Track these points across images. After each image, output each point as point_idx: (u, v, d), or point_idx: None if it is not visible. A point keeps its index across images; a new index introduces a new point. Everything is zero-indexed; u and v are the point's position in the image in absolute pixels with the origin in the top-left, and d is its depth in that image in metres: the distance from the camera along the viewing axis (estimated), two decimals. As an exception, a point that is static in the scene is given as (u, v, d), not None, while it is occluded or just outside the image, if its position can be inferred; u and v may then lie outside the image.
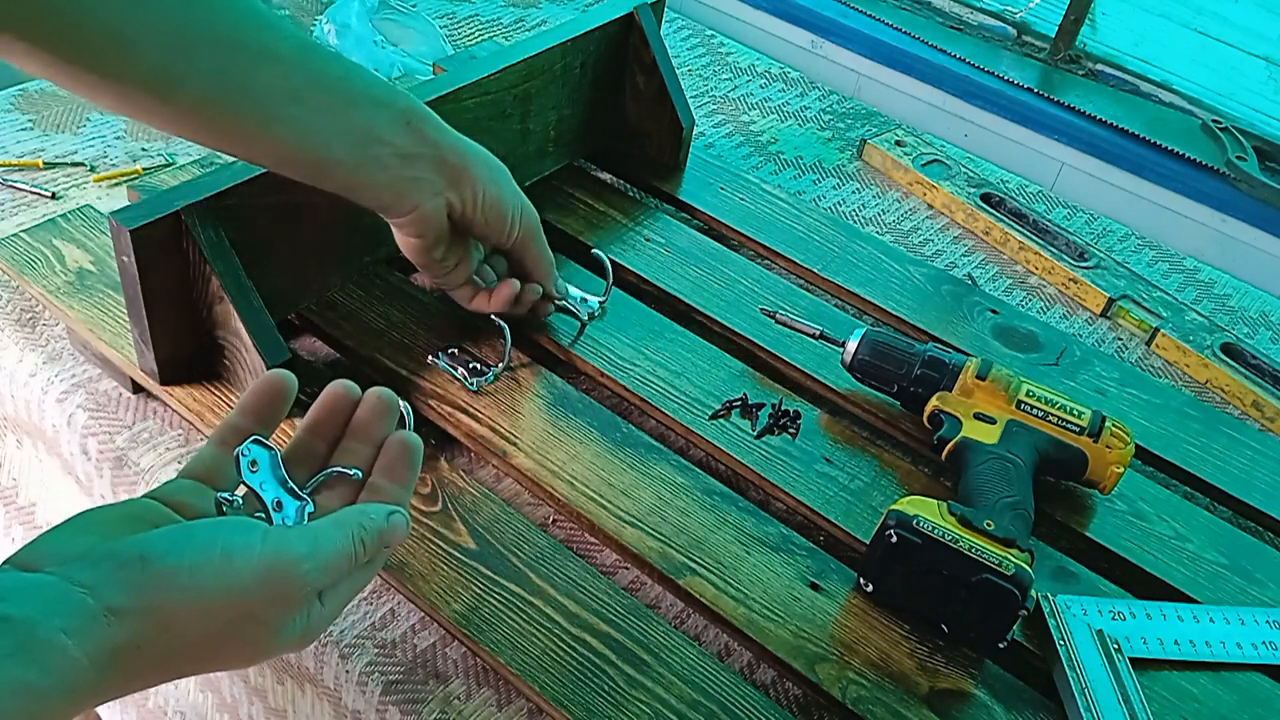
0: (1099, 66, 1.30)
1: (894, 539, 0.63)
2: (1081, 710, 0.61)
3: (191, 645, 0.44)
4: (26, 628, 0.39)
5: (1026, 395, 0.73)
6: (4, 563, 0.43)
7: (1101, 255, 1.03)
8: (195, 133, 0.60)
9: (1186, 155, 1.18)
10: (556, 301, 0.79)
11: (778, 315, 0.82)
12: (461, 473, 0.70)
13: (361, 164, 0.63)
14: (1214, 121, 1.22)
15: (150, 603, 0.42)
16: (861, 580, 0.66)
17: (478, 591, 0.63)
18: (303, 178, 0.64)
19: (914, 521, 0.63)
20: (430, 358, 0.77)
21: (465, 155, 0.68)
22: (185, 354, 0.72)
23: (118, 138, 1.00)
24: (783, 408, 0.77)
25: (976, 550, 0.62)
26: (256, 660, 0.49)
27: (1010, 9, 1.36)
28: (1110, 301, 0.98)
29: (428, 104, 0.79)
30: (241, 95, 0.58)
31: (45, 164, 0.95)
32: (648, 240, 0.91)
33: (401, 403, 0.69)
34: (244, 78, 0.58)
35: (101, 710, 0.89)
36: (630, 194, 0.99)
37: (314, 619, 0.49)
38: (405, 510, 0.54)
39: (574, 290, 0.81)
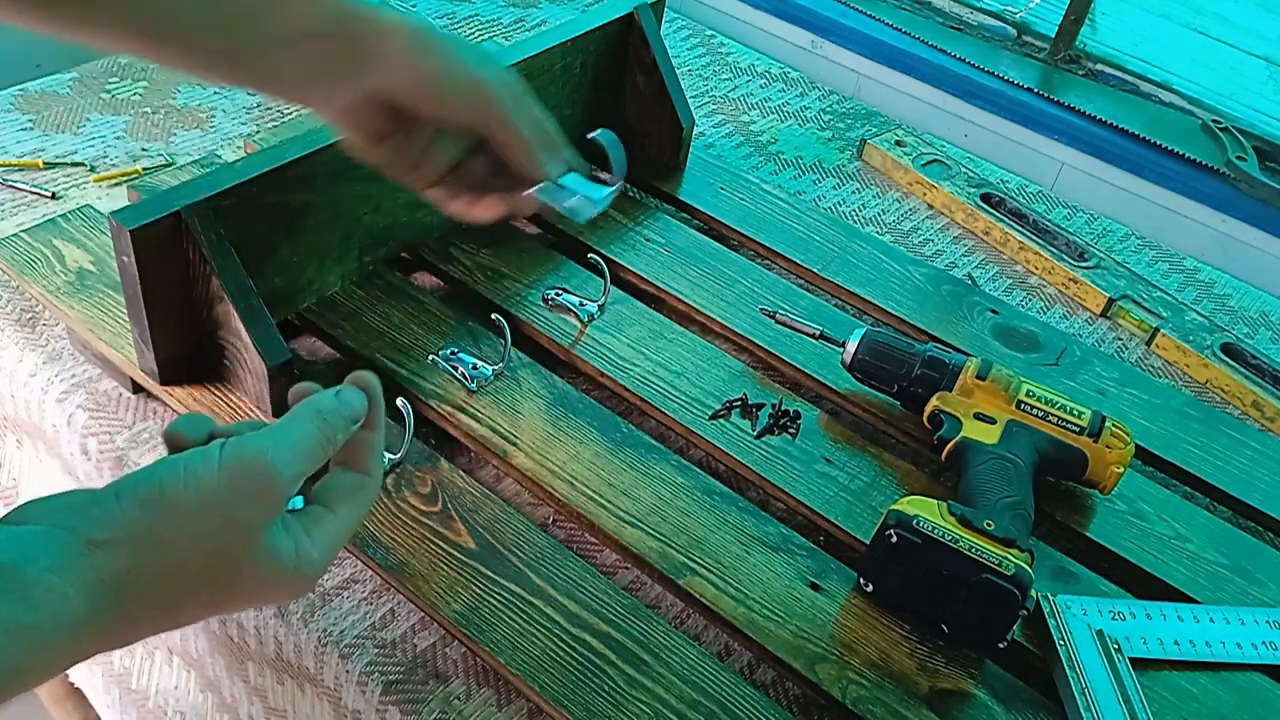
0: (1099, 66, 1.30)
1: (894, 539, 0.63)
2: (1081, 710, 0.61)
3: (183, 569, 0.44)
4: (12, 569, 0.40)
5: (1026, 395, 0.73)
6: None
7: (1101, 255, 1.03)
8: (44, 21, 0.53)
9: (1186, 155, 1.18)
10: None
11: (778, 315, 0.82)
12: (461, 473, 0.70)
13: (249, 54, 0.55)
14: (1214, 121, 1.22)
15: (130, 530, 0.43)
16: (861, 580, 0.66)
17: (478, 591, 0.63)
18: (183, 68, 0.56)
19: (914, 521, 0.63)
20: (430, 358, 0.77)
21: (386, 28, 0.56)
22: (185, 354, 0.72)
23: (118, 138, 1.00)
24: (783, 408, 0.77)
25: (976, 550, 0.62)
26: (264, 587, 0.47)
27: (1010, 9, 1.36)
28: (1110, 301, 0.98)
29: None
30: None
31: (45, 164, 0.95)
32: (648, 240, 0.91)
33: (401, 402, 0.69)
34: None
35: (102, 710, 0.89)
36: (630, 194, 0.99)
37: (315, 531, 0.48)
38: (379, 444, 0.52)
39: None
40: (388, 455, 0.69)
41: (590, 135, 0.66)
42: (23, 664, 0.40)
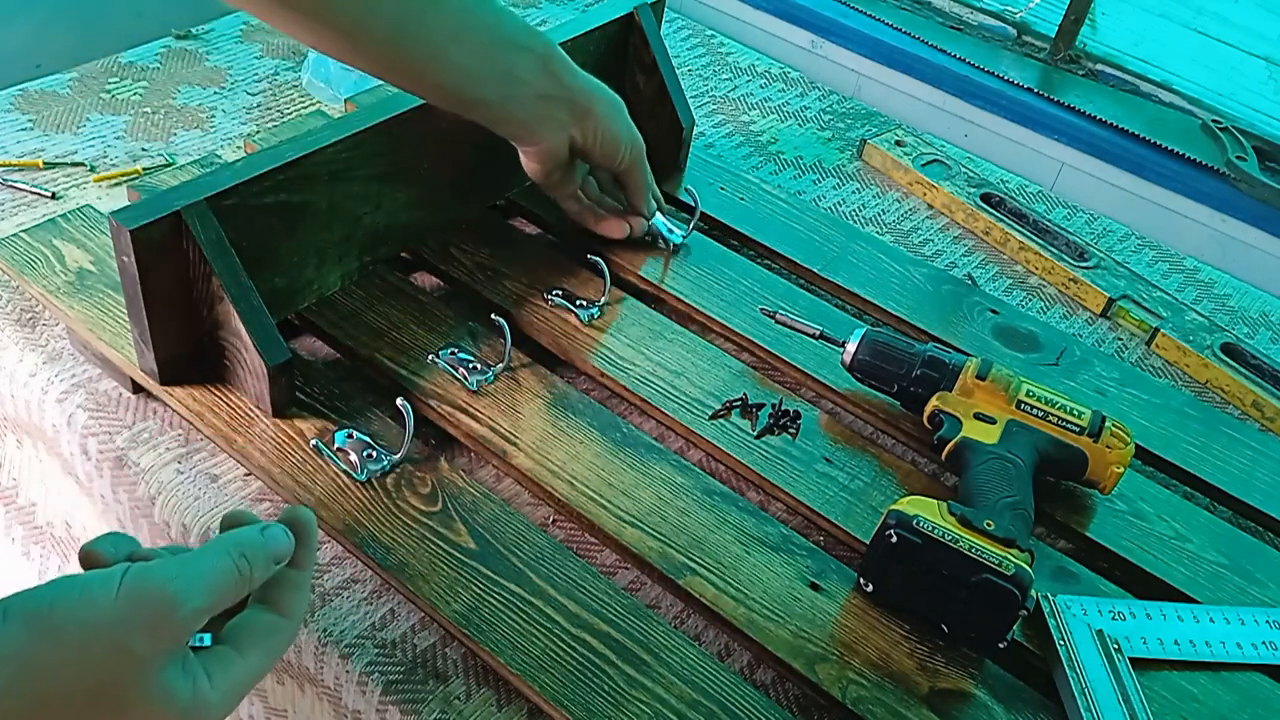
0: (1099, 66, 1.30)
1: (894, 539, 0.63)
2: (1081, 710, 0.61)
3: (63, 698, 0.41)
4: None
5: (1026, 395, 0.73)
6: None
7: (1101, 255, 1.03)
8: (375, 66, 0.73)
9: (1186, 155, 1.18)
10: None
11: (778, 315, 0.82)
12: (461, 473, 0.70)
13: (504, 101, 0.75)
14: (1214, 121, 1.22)
15: (9, 649, 0.40)
16: (861, 580, 0.66)
17: (478, 591, 0.63)
18: (456, 110, 0.76)
19: (914, 521, 0.63)
20: (430, 358, 0.77)
21: (591, 95, 0.78)
22: (185, 354, 0.72)
23: (118, 138, 1.00)
24: (783, 408, 0.77)
25: (976, 550, 0.62)
26: None
27: (1010, 9, 1.36)
28: (1110, 301, 0.98)
29: (428, 104, 0.80)
30: (414, 36, 0.70)
31: (45, 164, 0.96)
32: (648, 240, 0.91)
33: (401, 402, 0.69)
34: (417, 20, 0.69)
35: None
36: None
37: (217, 673, 0.45)
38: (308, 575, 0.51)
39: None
40: (388, 455, 0.69)
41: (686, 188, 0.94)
42: None
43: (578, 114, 0.78)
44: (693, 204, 0.92)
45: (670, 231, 0.90)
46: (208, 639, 0.47)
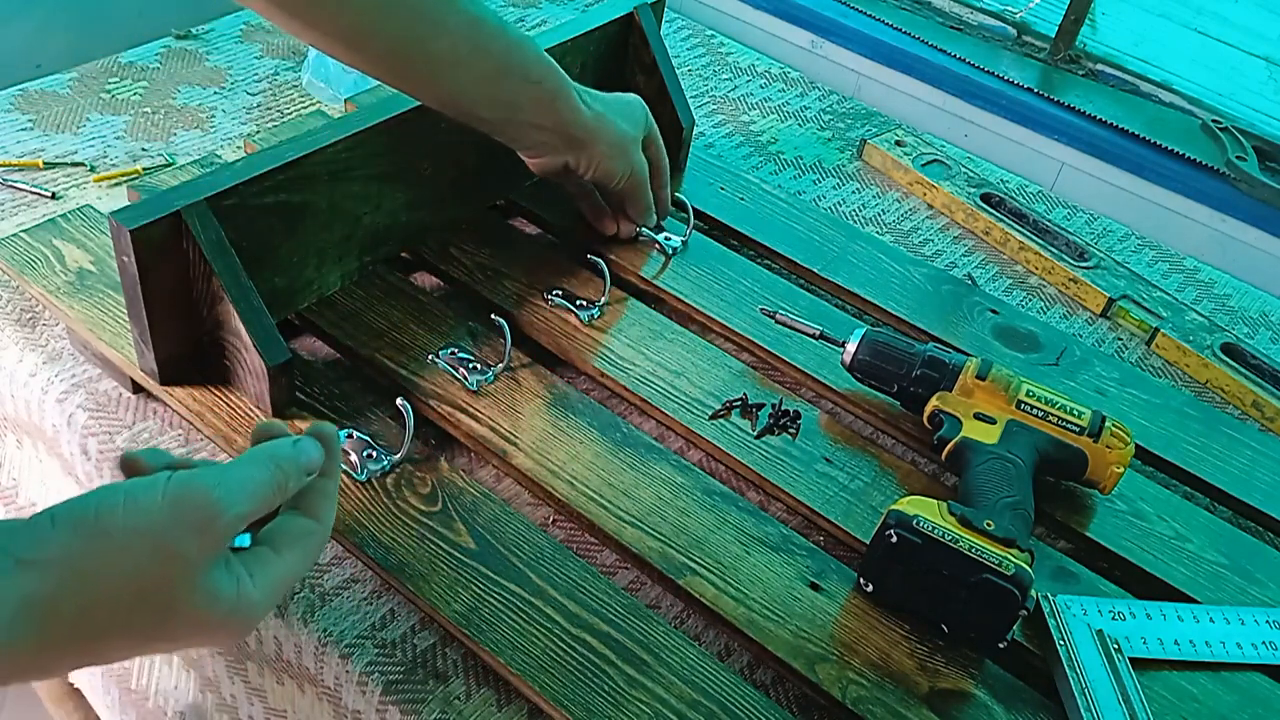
0: (1099, 66, 1.30)
1: (894, 539, 0.63)
2: (1081, 710, 0.61)
3: (111, 600, 0.43)
4: None
5: (1026, 395, 0.73)
6: None
7: (1101, 255, 1.03)
8: (378, 74, 0.74)
9: (1186, 155, 1.18)
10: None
11: (778, 315, 0.82)
12: (461, 473, 0.70)
13: (502, 125, 0.78)
14: (1214, 121, 1.22)
15: (59, 553, 0.42)
16: (861, 580, 0.66)
17: (478, 591, 0.63)
18: (455, 117, 0.77)
19: (914, 521, 0.63)
20: (430, 358, 0.77)
21: (594, 134, 0.80)
22: (185, 354, 0.72)
23: (118, 138, 1.00)
24: (783, 408, 0.77)
25: (976, 550, 0.62)
26: (200, 627, 0.45)
27: (1010, 9, 1.36)
28: (1110, 301, 0.98)
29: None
30: (417, 56, 0.71)
31: (45, 164, 0.96)
32: (648, 240, 0.91)
33: (401, 402, 0.69)
34: (420, 43, 0.70)
35: (102, 710, 0.89)
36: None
37: (258, 572, 0.47)
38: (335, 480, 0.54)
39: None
40: (388, 455, 0.69)
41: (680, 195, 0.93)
42: None
43: (575, 146, 0.80)
44: (687, 209, 0.92)
45: (666, 240, 0.90)
46: (247, 539, 0.49)
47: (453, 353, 0.77)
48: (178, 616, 0.44)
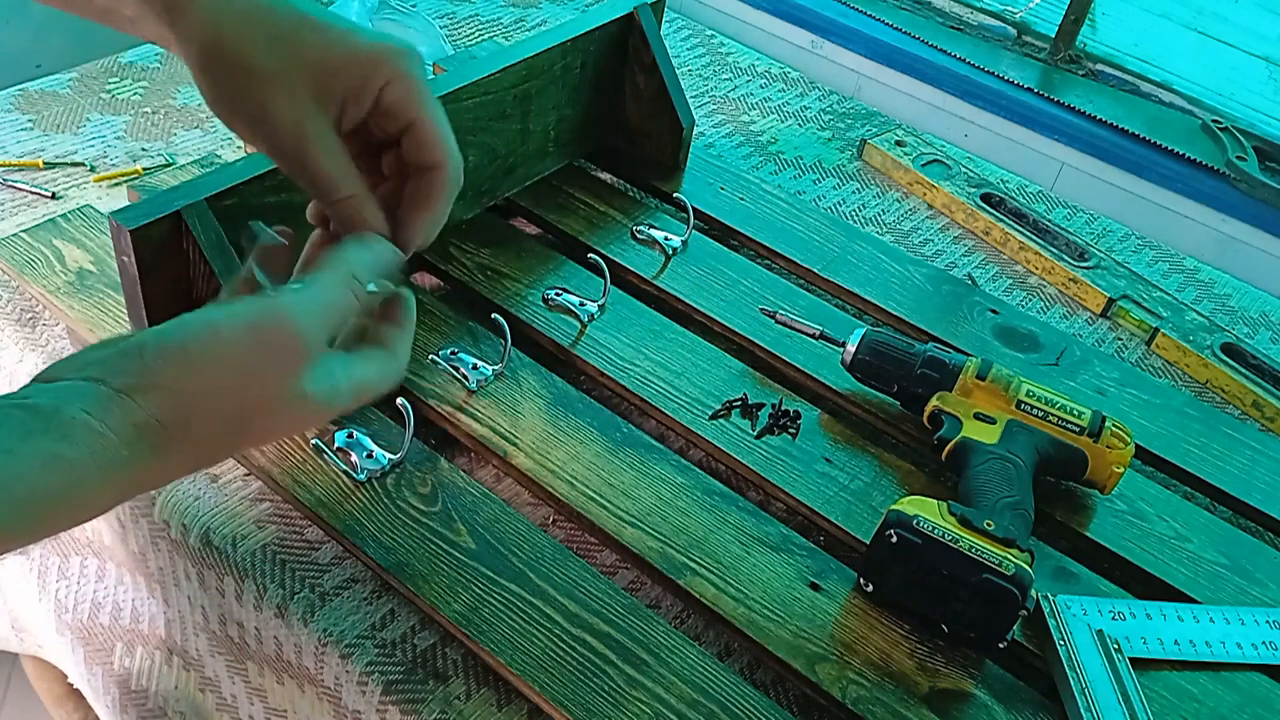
0: (1099, 66, 1.30)
1: (894, 539, 0.63)
2: (1081, 710, 0.61)
3: (212, 415, 0.45)
4: (52, 410, 0.42)
5: (1026, 395, 0.73)
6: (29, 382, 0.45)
7: (1101, 255, 1.03)
8: None
9: (1186, 155, 1.18)
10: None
11: (778, 315, 0.82)
12: (461, 473, 0.70)
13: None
14: (1214, 121, 1.22)
15: (155, 380, 0.44)
16: (861, 580, 0.66)
17: (478, 591, 0.63)
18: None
19: (914, 521, 0.63)
20: (430, 358, 0.77)
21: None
22: (185, 354, 0.72)
23: (118, 138, 1.00)
24: (783, 408, 0.77)
25: (976, 550, 0.62)
26: (293, 424, 0.50)
27: (1010, 9, 1.36)
28: (1110, 301, 0.98)
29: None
30: None
31: (45, 164, 0.95)
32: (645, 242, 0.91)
33: (401, 402, 0.69)
34: None
35: (102, 710, 0.89)
36: (630, 194, 0.99)
37: (341, 372, 0.49)
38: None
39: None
40: (388, 456, 0.69)
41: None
42: (67, 497, 0.42)
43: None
44: (687, 209, 0.92)
45: (666, 240, 0.90)
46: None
47: (453, 353, 0.77)
48: (275, 420, 0.48)
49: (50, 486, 0.41)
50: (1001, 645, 0.63)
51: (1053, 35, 1.31)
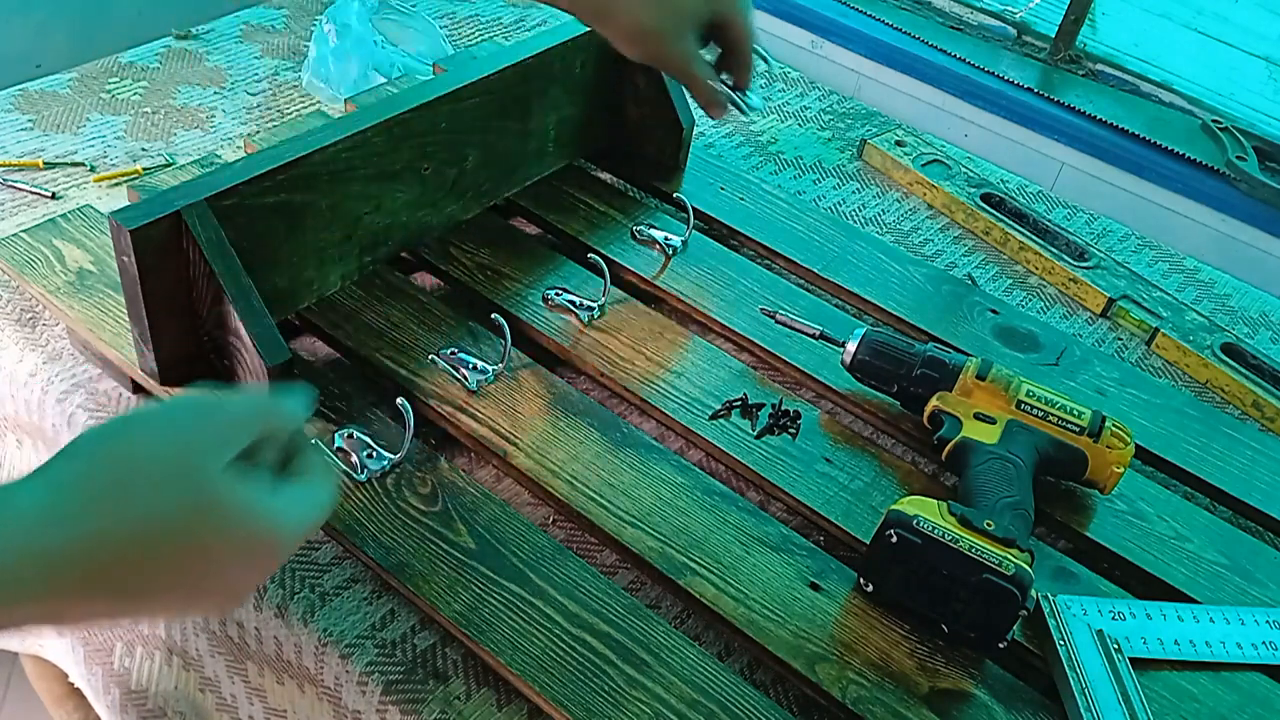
0: (1099, 66, 1.30)
1: (894, 539, 0.63)
2: (1081, 710, 0.61)
3: (147, 517, 0.43)
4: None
5: (1026, 395, 0.73)
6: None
7: (1101, 255, 1.03)
8: None
9: (1186, 155, 1.18)
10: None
11: (778, 315, 0.82)
12: (461, 473, 0.70)
13: None
14: (1214, 121, 1.22)
15: (83, 448, 0.44)
16: (861, 580, 0.66)
17: (478, 591, 0.63)
18: None
19: (914, 521, 0.63)
20: (430, 358, 0.77)
21: (603, 8, 0.75)
22: (185, 354, 0.72)
23: (118, 138, 1.00)
24: (783, 408, 0.77)
25: (976, 550, 0.62)
26: (237, 544, 0.45)
27: (1010, 9, 1.36)
28: (1110, 301, 0.98)
29: (428, 104, 0.80)
30: None
31: (45, 164, 0.96)
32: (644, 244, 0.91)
33: (401, 402, 0.69)
34: None
35: (102, 710, 0.89)
36: (630, 194, 0.99)
37: (281, 488, 0.48)
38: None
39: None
40: (388, 455, 0.69)
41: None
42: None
43: (596, 17, 0.76)
44: (687, 209, 0.92)
45: (666, 240, 0.90)
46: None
47: (453, 353, 0.77)
48: (209, 510, 0.44)
49: None
50: (1001, 645, 0.63)
51: (1053, 35, 1.31)
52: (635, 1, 0.73)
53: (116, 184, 0.94)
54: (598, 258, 0.85)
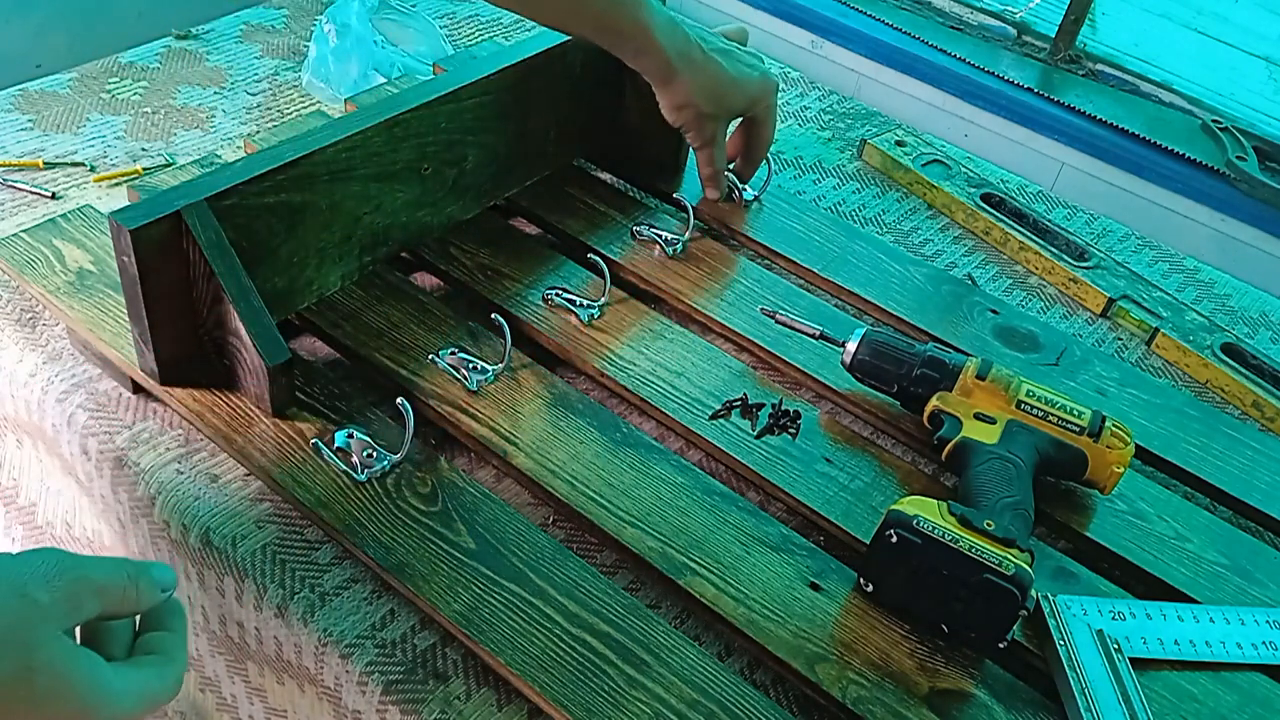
0: (1099, 66, 1.30)
1: (894, 539, 0.63)
2: (1081, 710, 0.61)
3: None
4: None
5: (1026, 395, 0.73)
6: None
7: (1101, 255, 1.03)
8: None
9: (1186, 155, 1.18)
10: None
11: (778, 315, 0.82)
12: (461, 473, 0.70)
13: (611, 47, 0.85)
14: (1214, 121, 1.22)
15: None
16: (862, 580, 0.66)
17: (478, 591, 0.63)
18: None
19: (914, 521, 0.63)
20: (430, 358, 0.77)
21: (668, 77, 0.86)
22: (185, 354, 0.72)
23: (118, 138, 1.00)
24: (783, 408, 0.77)
25: (976, 550, 0.62)
26: (55, 692, 0.44)
27: (1010, 9, 1.36)
28: (1110, 301, 0.98)
29: (428, 104, 0.80)
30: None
31: (45, 164, 0.95)
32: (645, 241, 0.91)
33: (401, 402, 0.69)
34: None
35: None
36: (630, 194, 0.99)
37: (120, 668, 0.47)
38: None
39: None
40: (388, 455, 0.69)
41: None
42: None
43: (659, 84, 0.87)
44: (687, 210, 0.92)
45: (666, 240, 0.90)
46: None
47: (453, 353, 0.77)
48: (37, 674, 0.43)
49: None
50: (1001, 645, 0.63)
51: (1053, 35, 1.31)
52: (698, 84, 0.85)
53: (116, 184, 0.94)
54: (598, 258, 0.85)
